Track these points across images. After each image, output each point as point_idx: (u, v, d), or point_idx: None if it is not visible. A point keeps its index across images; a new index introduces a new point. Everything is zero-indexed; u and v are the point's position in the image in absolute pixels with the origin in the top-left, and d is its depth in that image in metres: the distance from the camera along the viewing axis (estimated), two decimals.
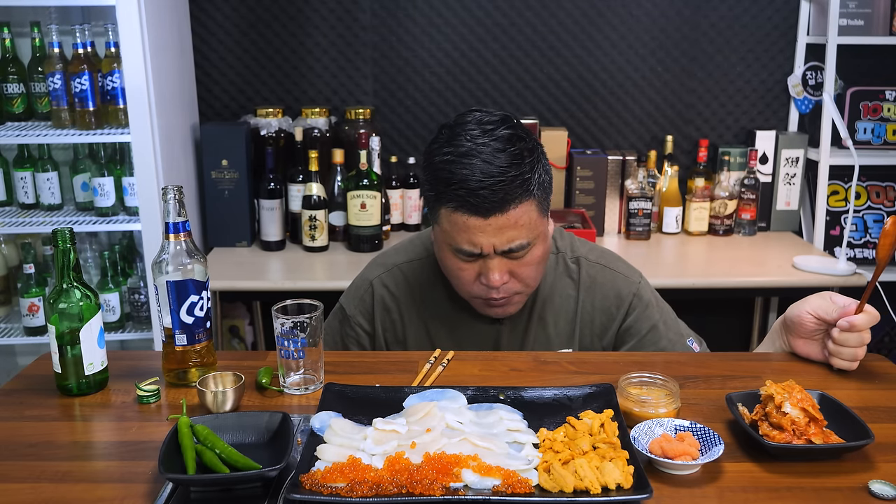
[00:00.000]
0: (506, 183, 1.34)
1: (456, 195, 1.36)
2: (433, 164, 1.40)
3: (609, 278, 1.59)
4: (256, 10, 2.94)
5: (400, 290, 1.60)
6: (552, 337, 1.57)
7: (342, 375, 1.38)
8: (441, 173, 1.38)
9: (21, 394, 1.34)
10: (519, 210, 1.37)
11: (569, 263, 1.59)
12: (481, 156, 1.35)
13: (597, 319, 1.58)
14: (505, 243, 1.39)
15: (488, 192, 1.34)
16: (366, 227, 2.75)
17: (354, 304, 1.63)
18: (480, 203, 1.35)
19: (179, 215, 1.31)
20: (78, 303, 1.30)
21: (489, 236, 1.38)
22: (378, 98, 3.03)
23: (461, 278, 1.45)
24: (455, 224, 1.39)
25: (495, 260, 1.40)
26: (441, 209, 1.41)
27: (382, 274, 1.62)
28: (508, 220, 1.37)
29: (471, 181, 1.34)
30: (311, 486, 1.00)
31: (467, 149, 1.36)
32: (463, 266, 1.43)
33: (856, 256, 2.95)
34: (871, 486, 1.04)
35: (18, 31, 2.70)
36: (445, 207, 1.39)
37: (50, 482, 1.08)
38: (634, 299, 1.58)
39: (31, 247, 2.72)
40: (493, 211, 1.35)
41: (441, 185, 1.38)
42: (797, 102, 3.03)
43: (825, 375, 1.40)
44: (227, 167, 2.76)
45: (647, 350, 1.57)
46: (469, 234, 1.38)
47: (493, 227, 1.37)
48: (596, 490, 1.00)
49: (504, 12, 2.95)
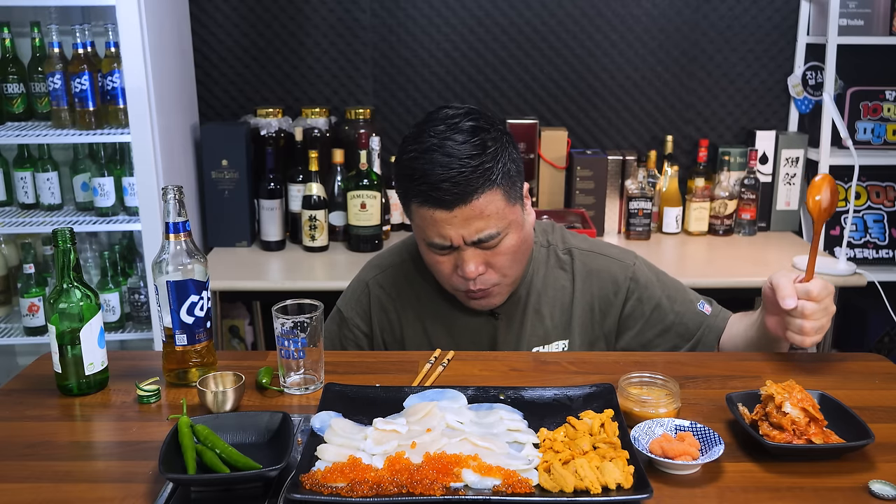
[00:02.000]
0: (466, 174, 1.36)
1: (419, 191, 1.39)
2: (400, 163, 1.45)
3: (604, 265, 1.60)
4: (256, 10, 2.94)
5: (396, 289, 1.61)
6: (549, 329, 1.57)
7: (342, 375, 1.38)
8: (405, 171, 1.42)
9: (21, 394, 1.34)
10: (483, 200, 1.39)
11: (560, 255, 1.60)
12: (442, 149, 1.38)
13: (596, 307, 1.59)
14: (473, 234, 1.41)
15: (449, 184, 1.37)
16: (366, 227, 2.74)
17: (351, 307, 1.64)
18: (442, 196, 1.37)
19: (179, 215, 1.31)
20: (78, 303, 1.30)
21: (457, 228, 1.40)
22: (378, 98, 3.03)
23: (440, 272, 1.48)
24: (424, 219, 1.42)
25: (468, 251, 1.43)
26: (411, 205, 1.44)
27: (378, 275, 1.63)
28: (473, 210, 1.39)
29: (431, 176, 1.37)
30: (311, 486, 1.00)
31: (429, 144, 1.39)
32: (440, 259, 1.46)
33: (856, 256, 2.95)
34: (871, 486, 1.04)
35: (18, 31, 2.70)
36: (414, 203, 1.43)
37: (50, 482, 1.08)
38: (631, 283, 1.59)
39: (31, 247, 2.72)
40: (457, 203, 1.38)
41: (406, 182, 1.42)
42: (797, 102, 3.03)
43: (825, 375, 1.40)
44: (227, 167, 2.76)
45: (655, 329, 1.58)
46: (438, 228, 1.41)
47: (458, 218, 1.39)
48: (596, 490, 1.00)
49: (504, 12, 2.95)
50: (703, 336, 1.58)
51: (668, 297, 1.59)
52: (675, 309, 1.58)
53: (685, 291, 1.63)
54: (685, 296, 1.62)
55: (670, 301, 1.59)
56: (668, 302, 1.59)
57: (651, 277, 1.61)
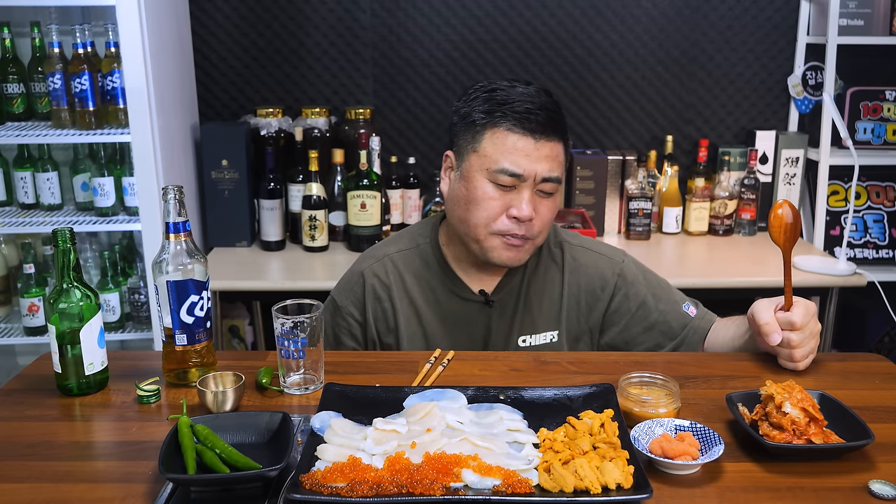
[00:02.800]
0: (555, 114, 1.47)
1: (514, 113, 1.45)
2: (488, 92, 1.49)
3: (592, 260, 1.63)
4: (256, 10, 2.94)
5: (390, 278, 1.62)
6: (537, 319, 1.59)
7: (342, 375, 1.38)
8: (496, 96, 1.47)
9: (21, 394, 1.34)
10: (558, 145, 1.48)
11: (552, 248, 1.64)
12: (531, 88, 1.48)
13: (582, 300, 1.61)
14: (546, 171, 1.46)
15: (545, 114, 1.45)
16: (366, 227, 2.75)
17: (345, 296, 1.65)
18: (536, 124, 1.44)
19: (179, 215, 1.31)
20: (78, 303, 1.30)
21: (534, 161, 1.45)
22: (378, 98, 3.03)
23: (489, 209, 1.48)
24: (504, 145, 1.45)
25: (529, 192, 1.47)
26: (486, 133, 1.47)
27: (374, 264, 1.64)
28: (552, 150, 1.47)
29: (529, 102, 1.45)
30: (311, 486, 1.00)
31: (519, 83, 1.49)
32: (494, 195, 1.47)
33: (856, 256, 2.95)
34: (871, 486, 1.04)
35: (18, 31, 2.69)
36: (495, 129, 1.46)
37: (50, 482, 1.08)
38: (619, 280, 1.61)
39: (31, 247, 2.72)
40: (545, 134, 1.45)
41: (496, 105, 1.47)
42: (797, 102, 3.03)
43: (825, 375, 1.40)
44: (227, 167, 2.76)
45: (639, 326, 1.60)
46: (516, 156, 1.45)
47: (539, 153, 1.45)
48: (596, 490, 1.00)
49: (504, 12, 2.95)
50: (686, 336, 1.60)
51: (654, 296, 1.62)
52: (660, 307, 1.61)
53: (671, 291, 1.65)
54: (671, 296, 1.64)
55: (655, 299, 1.61)
56: (654, 300, 1.61)
57: (638, 275, 1.63)
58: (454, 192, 1.55)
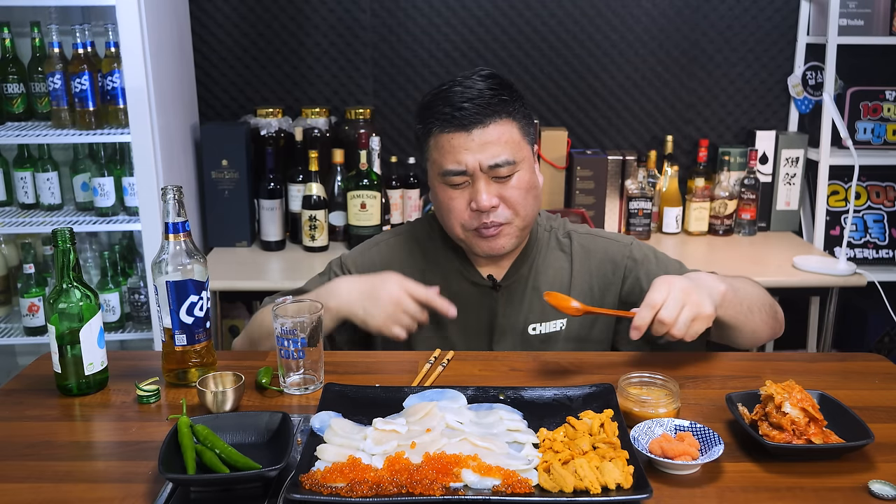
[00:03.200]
0: (486, 97, 1.46)
1: (441, 114, 1.47)
2: (420, 105, 1.53)
3: (601, 246, 1.64)
4: (256, 10, 2.94)
5: (404, 251, 1.65)
6: (546, 305, 1.56)
7: (342, 375, 1.38)
8: (428, 104, 1.51)
9: (21, 394, 1.34)
10: (500, 127, 1.47)
11: (560, 238, 1.65)
12: (463, 83, 1.48)
13: (595, 286, 1.62)
14: (489, 158, 1.46)
15: (470, 104, 1.45)
16: (366, 227, 2.75)
17: (359, 255, 1.67)
18: (462, 117, 1.45)
19: (179, 215, 1.31)
20: (78, 303, 1.30)
21: (473, 153, 1.46)
22: (378, 98, 3.03)
23: (453, 209, 1.51)
24: (442, 147, 1.48)
25: (482, 181, 1.47)
26: (430, 141, 1.51)
27: (391, 238, 1.68)
28: (490, 135, 1.46)
29: (453, 98, 1.46)
30: (311, 486, 1.01)
31: (451, 83, 1.50)
32: (453, 195, 1.50)
33: (856, 256, 2.95)
34: (871, 486, 1.05)
35: (18, 31, 2.69)
36: (433, 135, 1.50)
37: (50, 482, 1.08)
38: (629, 261, 1.62)
39: (31, 247, 2.72)
40: (475, 123, 1.45)
41: (427, 112, 1.50)
42: (797, 102, 3.03)
43: (825, 375, 1.40)
44: (227, 167, 2.76)
45: None
46: (454, 154, 1.47)
47: (476, 142, 1.45)
48: (596, 490, 1.00)
49: (504, 12, 2.95)
50: None
51: (665, 271, 1.59)
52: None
53: (683, 267, 1.64)
54: (682, 269, 1.63)
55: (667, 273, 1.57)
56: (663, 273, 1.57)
57: (649, 254, 1.64)
58: (433, 202, 1.59)
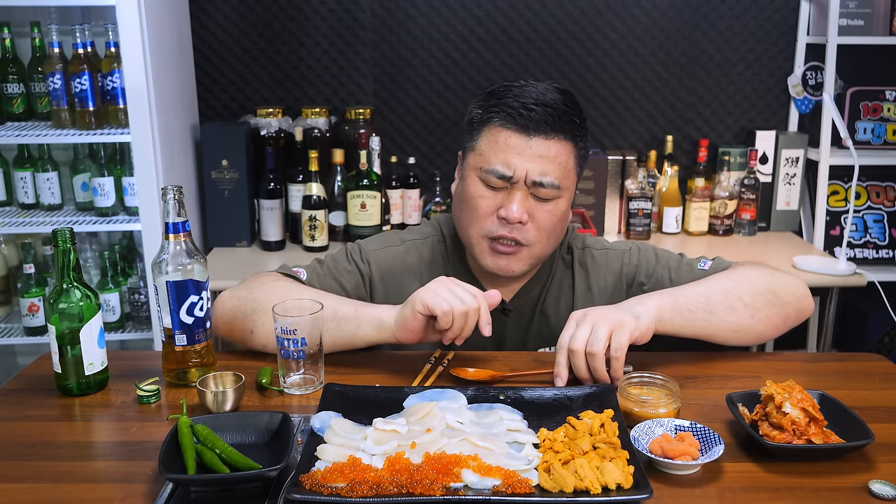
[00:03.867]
0: (559, 109, 1.40)
1: (508, 107, 1.40)
2: (488, 91, 1.45)
3: (601, 260, 1.59)
4: (256, 10, 2.94)
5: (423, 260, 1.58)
6: (554, 328, 1.56)
7: (342, 375, 1.38)
8: (498, 93, 1.43)
9: (21, 394, 1.34)
10: (560, 145, 1.41)
11: (564, 256, 1.61)
12: (538, 88, 1.43)
13: (598, 301, 1.56)
14: (538, 174, 1.39)
15: (541, 109, 1.39)
16: (366, 227, 2.75)
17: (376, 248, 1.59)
18: (529, 119, 1.38)
19: (179, 215, 1.31)
20: (78, 303, 1.30)
21: (526, 160, 1.39)
22: (378, 98, 3.03)
23: (479, 208, 1.43)
24: (496, 143, 1.41)
25: (521, 192, 1.41)
26: (484, 129, 1.43)
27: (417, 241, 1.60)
28: (549, 149, 1.40)
29: (525, 96, 1.40)
30: (311, 486, 1.00)
31: (525, 83, 1.43)
32: (485, 194, 1.43)
33: (856, 256, 2.95)
34: (871, 486, 1.04)
35: (18, 31, 2.69)
36: (490, 125, 1.42)
37: (50, 482, 1.08)
38: (629, 268, 1.58)
39: (31, 247, 2.72)
40: (539, 132, 1.39)
41: (493, 100, 1.42)
42: (797, 102, 3.03)
43: (825, 375, 1.40)
44: (227, 167, 2.76)
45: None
46: (506, 154, 1.39)
47: (532, 151, 1.39)
48: (596, 490, 1.00)
49: (504, 12, 2.95)
50: None
51: (668, 268, 1.57)
52: (672, 277, 1.55)
53: (685, 259, 1.60)
54: (684, 263, 1.58)
55: (670, 271, 1.56)
56: (668, 272, 1.56)
57: (650, 258, 1.59)
58: (456, 192, 1.53)
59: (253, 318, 1.45)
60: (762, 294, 1.44)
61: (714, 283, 1.44)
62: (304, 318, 1.31)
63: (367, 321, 1.40)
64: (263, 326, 1.43)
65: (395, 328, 1.37)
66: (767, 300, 1.43)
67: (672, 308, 1.37)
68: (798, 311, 1.48)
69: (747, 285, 1.44)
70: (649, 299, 1.37)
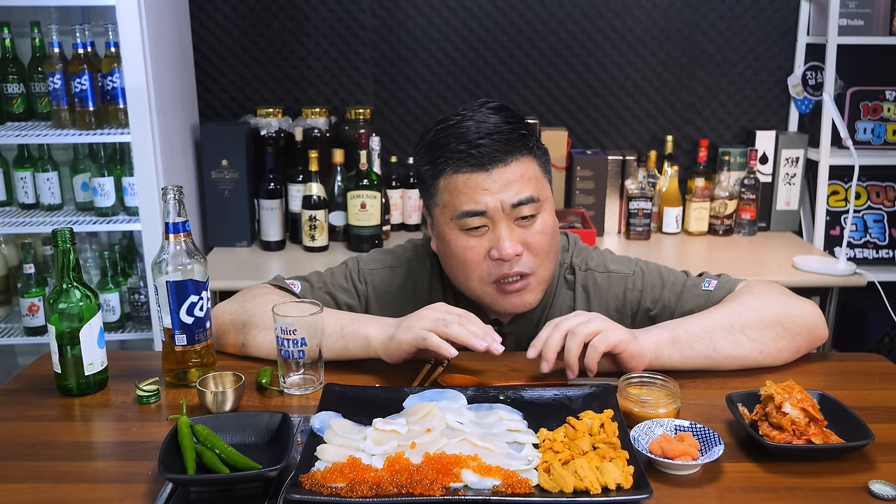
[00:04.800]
0: (505, 133, 1.34)
1: (456, 153, 1.34)
2: (427, 143, 1.40)
3: (604, 284, 1.54)
4: (256, 11, 2.94)
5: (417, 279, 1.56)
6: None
7: (342, 375, 1.38)
8: (438, 141, 1.37)
9: (21, 394, 1.34)
10: (521, 164, 1.36)
11: (566, 276, 1.56)
12: (475, 118, 1.36)
13: None
14: (512, 196, 1.34)
15: (488, 141, 1.33)
16: (366, 227, 2.75)
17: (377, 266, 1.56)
18: (481, 155, 1.33)
19: (179, 215, 1.31)
20: (78, 303, 1.30)
21: (494, 193, 1.34)
22: (378, 98, 3.03)
23: (470, 260, 1.39)
24: (456, 188, 1.36)
25: (505, 226, 1.36)
26: (440, 181, 1.38)
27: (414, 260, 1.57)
28: (512, 173, 1.35)
29: (468, 136, 1.34)
30: (311, 486, 1.00)
31: (462, 116, 1.37)
32: (471, 244, 1.38)
33: (856, 256, 2.95)
34: (871, 486, 1.04)
35: (18, 31, 2.69)
36: (445, 176, 1.37)
37: (50, 482, 1.08)
38: (632, 294, 1.53)
39: (31, 247, 2.72)
40: (495, 162, 1.34)
41: (438, 151, 1.37)
42: (797, 102, 3.03)
43: (825, 375, 1.40)
44: (227, 167, 2.76)
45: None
46: (472, 194, 1.34)
47: (497, 182, 1.34)
48: (596, 490, 1.00)
49: (504, 12, 2.95)
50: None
51: (673, 292, 1.53)
52: (678, 301, 1.51)
53: (690, 280, 1.55)
54: (688, 282, 1.54)
55: (675, 295, 1.52)
56: (673, 296, 1.52)
57: (655, 282, 1.54)
58: (439, 252, 1.48)
59: (244, 332, 1.46)
60: (770, 327, 1.38)
61: (718, 317, 1.39)
62: (304, 319, 1.31)
63: (353, 340, 1.39)
64: (255, 339, 1.44)
65: (382, 352, 1.37)
66: (777, 334, 1.38)
67: (672, 343, 1.35)
68: (809, 342, 1.42)
69: (754, 319, 1.38)
70: (650, 332, 1.36)
